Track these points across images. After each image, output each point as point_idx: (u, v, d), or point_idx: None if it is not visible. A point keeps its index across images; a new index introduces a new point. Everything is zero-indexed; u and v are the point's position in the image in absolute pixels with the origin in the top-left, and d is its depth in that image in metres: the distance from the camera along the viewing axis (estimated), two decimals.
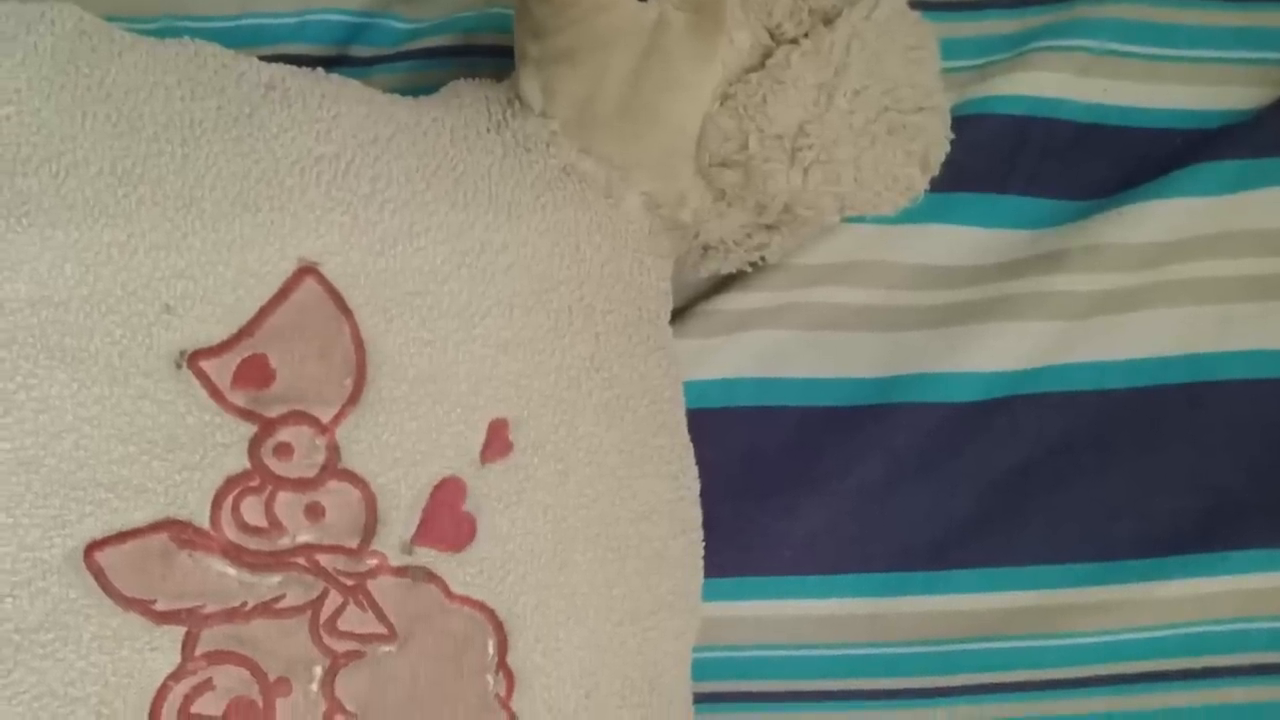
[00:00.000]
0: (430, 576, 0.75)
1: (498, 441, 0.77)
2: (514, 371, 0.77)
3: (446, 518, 0.76)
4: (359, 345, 0.75)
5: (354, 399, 0.74)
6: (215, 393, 0.73)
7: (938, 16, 0.85)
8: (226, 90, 0.76)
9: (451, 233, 0.77)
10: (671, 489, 0.82)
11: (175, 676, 0.71)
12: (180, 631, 0.71)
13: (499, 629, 0.76)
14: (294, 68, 0.80)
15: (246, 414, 0.73)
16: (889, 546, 0.96)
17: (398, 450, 0.75)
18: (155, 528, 0.71)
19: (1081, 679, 0.96)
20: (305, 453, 0.74)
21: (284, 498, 0.73)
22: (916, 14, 0.83)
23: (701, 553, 0.84)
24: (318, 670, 0.73)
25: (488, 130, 0.81)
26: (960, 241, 0.99)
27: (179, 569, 0.71)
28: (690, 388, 0.87)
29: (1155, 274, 0.98)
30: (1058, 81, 1.01)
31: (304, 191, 0.75)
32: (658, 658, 0.81)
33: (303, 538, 0.73)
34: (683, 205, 0.83)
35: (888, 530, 0.96)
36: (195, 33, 0.79)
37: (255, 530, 0.73)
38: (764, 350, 0.97)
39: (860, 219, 0.93)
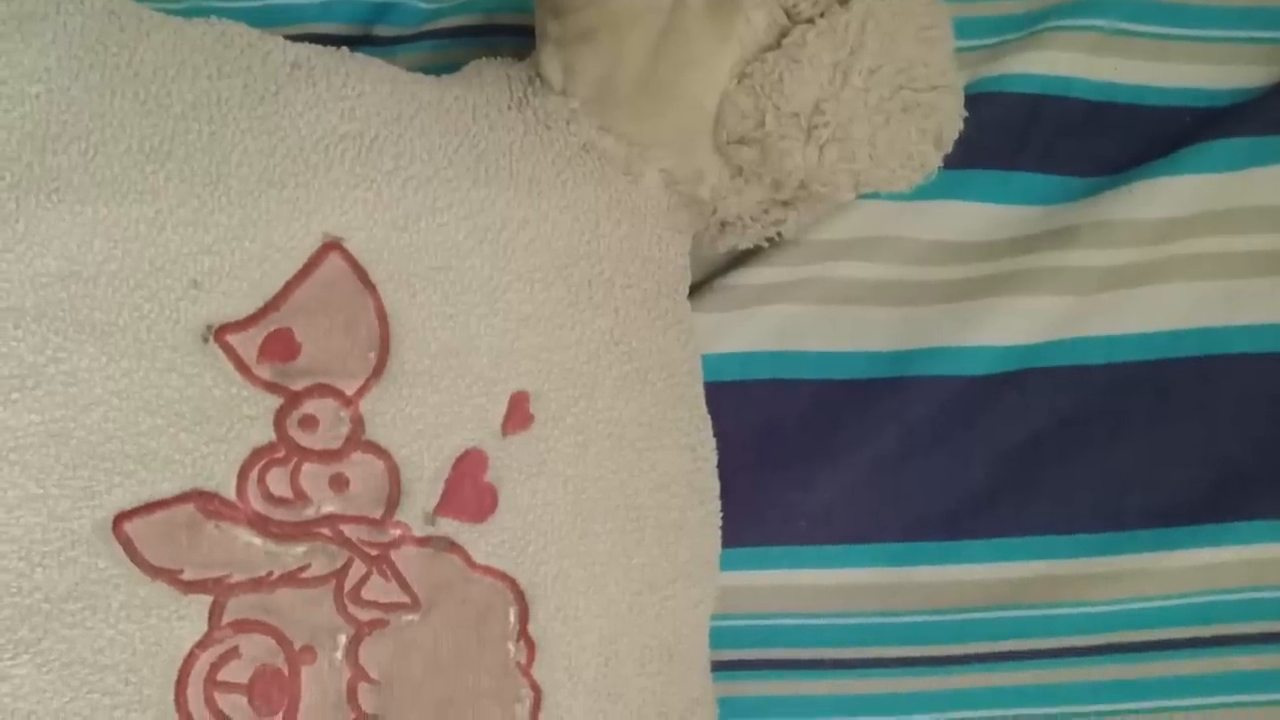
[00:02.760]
0: (453, 546, 0.75)
1: (519, 414, 0.76)
2: (534, 345, 0.77)
3: (469, 489, 0.75)
4: (383, 319, 0.74)
5: (378, 372, 0.74)
6: (241, 366, 0.72)
7: None
8: (253, 69, 0.76)
9: (473, 209, 0.77)
10: (689, 460, 0.82)
11: (202, 645, 0.71)
12: (207, 600, 0.71)
13: (520, 598, 0.75)
14: (319, 47, 0.79)
15: (272, 387, 0.73)
16: (903, 517, 0.96)
17: (421, 422, 0.75)
18: (182, 499, 0.71)
19: (1092, 647, 0.95)
20: (330, 425, 0.73)
21: (309, 469, 0.73)
22: None
23: (719, 523, 0.84)
24: (342, 639, 0.72)
25: (509, 108, 0.80)
26: (973, 217, 0.98)
27: (206, 539, 0.71)
28: (708, 361, 0.86)
29: (1165, 249, 0.98)
30: (1069, 60, 1.00)
31: (329, 168, 0.75)
32: (676, 626, 0.80)
33: (327, 508, 0.73)
34: (701, 182, 0.82)
35: (902, 501, 0.96)
36: (222, 12, 0.78)
37: (281, 501, 0.72)
38: (781, 324, 0.96)
39: (875, 195, 0.91)
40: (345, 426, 0.73)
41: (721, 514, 0.84)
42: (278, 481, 0.72)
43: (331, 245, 0.74)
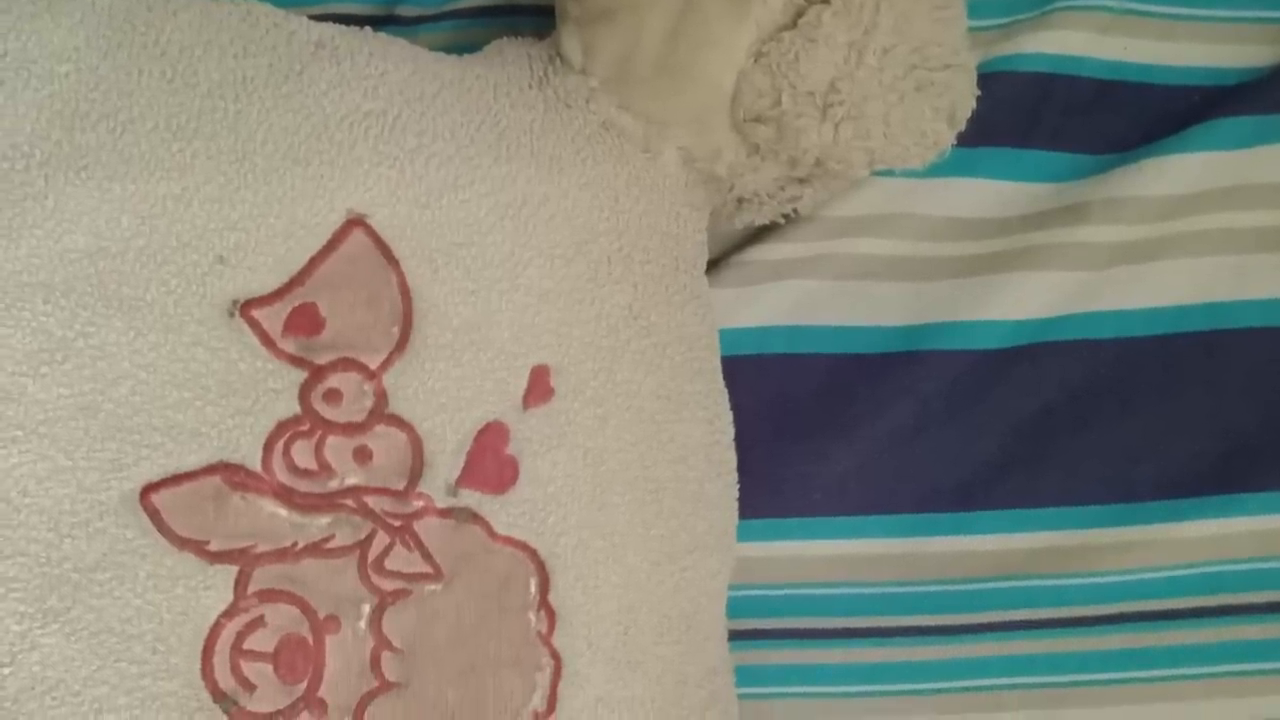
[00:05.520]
0: (474, 517, 0.74)
1: (539, 387, 0.76)
2: (555, 320, 0.76)
3: (490, 461, 0.75)
4: (406, 294, 0.74)
5: (401, 346, 0.73)
6: (267, 340, 0.72)
7: None
8: (277, 48, 0.75)
9: (495, 186, 0.76)
10: (707, 433, 0.81)
11: (228, 614, 0.70)
12: (233, 571, 0.70)
13: (541, 568, 0.75)
14: (342, 27, 0.78)
15: (297, 361, 0.72)
16: (916, 489, 0.95)
17: (443, 396, 0.74)
18: (209, 470, 0.70)
19: (1102, 616, 0.94)
20: (354, 398, 0.73)
21: (333, 441, 0.72)
22: None
23: (736, 494, 0.84)
24: (366, 608, 0.72)
25: (530, 87, 0.80)
26: (985, 194, 0.97)
27: (231, 510, 0.70)
28: (725, 335, 0.86)
29: (1174, 225, 0.96)
30: (1080, 39, 0.99)
31: (352, 146, 0.74)
32: (694, 596, 0.80)
33: (351, 480, 0.72)
34: (718, 159, 0.82)
35: (915, 473, 0.95)
36: None
37: (305, 473, 0.72)
38: (796, 299, 0.95)
39: (889, 172, 0.91)
40: (369, 400, 0.73)
41: (738, 485, 0.84)
42: (302, 453, 0.72)
43: (355, 221, 0.74)
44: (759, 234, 0.96)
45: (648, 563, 0.78)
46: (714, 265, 0.94)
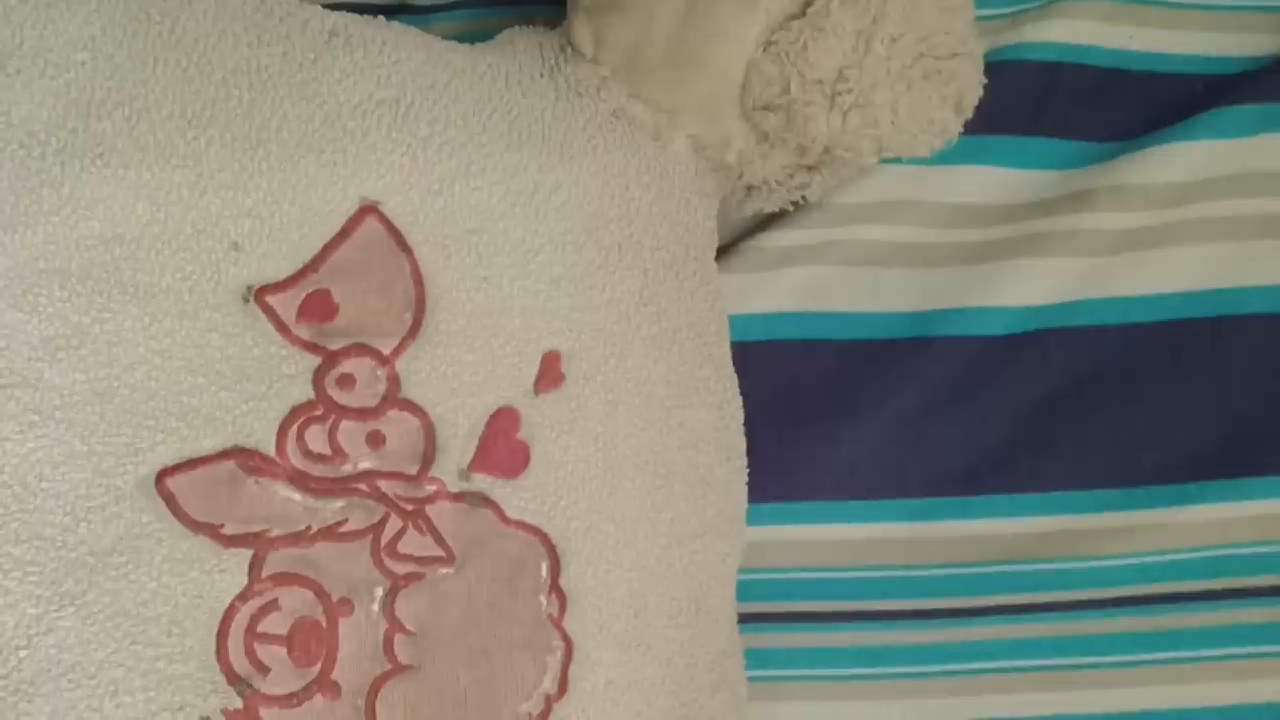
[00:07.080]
0: (486, 502, 0.74)
1: (550, 373, 0.75)
2: (566, 306, 0.76)
3: (502, 446, 0.74)
4: (418, 281, 0.74)
5: (413, 332, 0.73)
6: (281, 326, 0.71)
7: None
8: (291, 37, 0.75)
9: (506, 173, 0.76)
10: (716, 418, 0.81)
11: (242, 597, 0.70)
12: (247, 554, 0.70)
13: (552, 552, 0.75)
14: (356, 15, 0.78)
15: (311, 346, 0.72)
16: (924, 473, 0.94)
17: (455, 381, 0.74)
18: (223, 455, 0.70)
19: (1107, 600, 0.94)
20: (367, 383, 0.72)
21: (346, 426, 0.72)
22: None
23: (745, 479, 0.83)
24: (379, 591, 0.72)
25: (541, 75, 0.79)
26: (992, 181, 0.96)
27: (246, 494, 0.70)
28: (735, 321, 0.85)
29: (1179, 213, 0.96)
30: (1085, 29, 0.98)
31: (365, 134, 0.74)
32: (703, 579, 0.80)
33: (364, 464, 0.72)
34: (727, 147, 0.81)
35: (923, 458, 0.94)
36: None
37: (319, 457, 0.71)
38: (805, 286, 0.95)
39: (897, 160, 0.91)
40: (382, 385, 0.73)
41: (747, 470, 0.83)
42: (316, 438, 0.71)
43: (368, 209, 0.73)
44: (768, 221, 0.96)
45: (658, 546, 0.78)
46: (723, 252, 0.93)
